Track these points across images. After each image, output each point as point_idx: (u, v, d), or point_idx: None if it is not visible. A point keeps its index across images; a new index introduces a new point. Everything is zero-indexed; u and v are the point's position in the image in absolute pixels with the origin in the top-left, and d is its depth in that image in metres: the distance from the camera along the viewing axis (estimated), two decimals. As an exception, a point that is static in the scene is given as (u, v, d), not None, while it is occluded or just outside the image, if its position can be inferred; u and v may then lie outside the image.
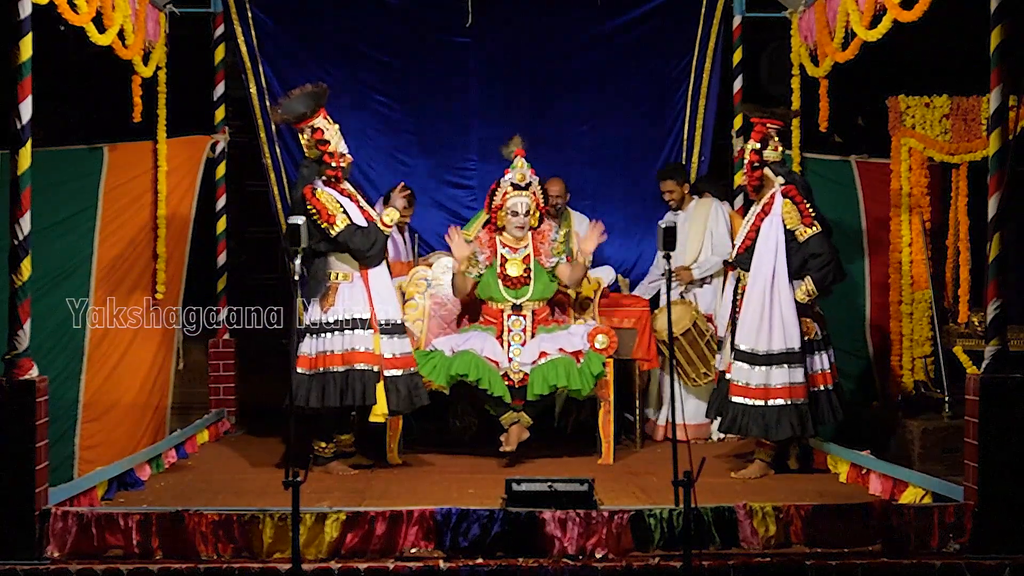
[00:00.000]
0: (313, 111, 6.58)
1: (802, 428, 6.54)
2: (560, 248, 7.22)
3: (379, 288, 6.65)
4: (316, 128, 6.59)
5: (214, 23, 8.46)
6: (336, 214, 6.51)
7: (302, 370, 6.51)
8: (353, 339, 6.51)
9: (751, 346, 6.56)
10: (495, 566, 5.13)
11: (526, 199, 7.14)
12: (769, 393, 6.51)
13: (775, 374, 6.51)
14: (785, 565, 5.15)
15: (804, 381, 6.54)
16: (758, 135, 6.69)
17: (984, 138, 6.62)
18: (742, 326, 6.61)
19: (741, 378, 6.57)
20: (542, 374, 6.85)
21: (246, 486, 6.34)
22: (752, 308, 6.57)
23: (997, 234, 5.38)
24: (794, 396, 6.51)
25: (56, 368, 6.31)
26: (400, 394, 6.59)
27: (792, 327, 6.55)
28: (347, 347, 6.51)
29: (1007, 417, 5.28)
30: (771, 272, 6.56)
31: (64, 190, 6.84)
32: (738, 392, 6.57)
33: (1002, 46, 5.33)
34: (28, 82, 5.26)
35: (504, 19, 8.62)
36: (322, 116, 6.62)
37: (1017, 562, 5.18)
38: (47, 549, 5.20)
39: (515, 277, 7.13)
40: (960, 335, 7.50)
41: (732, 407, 6.59)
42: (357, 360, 6.49)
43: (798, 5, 8.02)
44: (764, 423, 6.51)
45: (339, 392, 6.47)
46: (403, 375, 6.62)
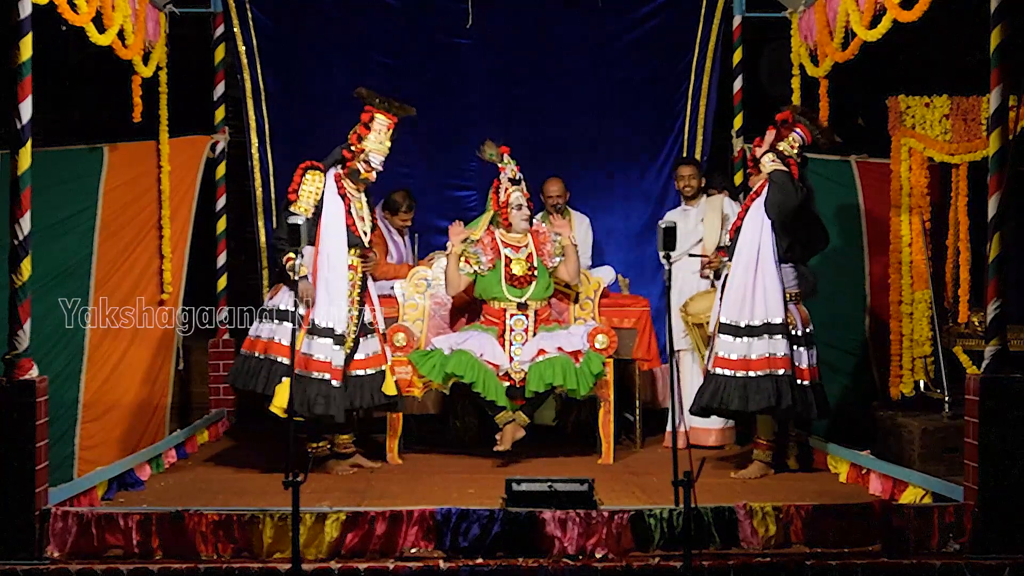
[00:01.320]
0: (387, 110, 6.68)
1: (778, 399, 6.47)
2: (559, 248, 7.24)
3: (322, 290, 6.58)
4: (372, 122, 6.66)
5: (214, 23, 8.46)
6: (301, 199, 6.54)
7: (244, 351, 6.75)
8: (277, 330, 6.59)
9: (734, 319, 6.56)
10: (495, 566, 5.13)
11: (518, 193, 7.20)
12: (749, 364, 6.49)
13: (756, 345, 6.51)
14: (785, 565, 5.15)
15: (787, 353, 6.51)
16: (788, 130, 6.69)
17: (984, 138, 6.61)
18: (726, 300, 6.62)
19: (723, 350, 6.57)
20: (539, 372, 6.86)
21: (246, 486, 6.34)
22: (736, 282, 6.59)
23: (997, 234, 5.38)
24: (773, 367, 6.49)
25: (56, 368, 6.31)
26: (363, 395, 6.65)
27: (775, 303, 6.54)
28: (270, 336, 6.62)
29: (1007, 417, 5.28)
30: (756, 248, 6.57)
31: (64, 190, 6.84)
32: (720, 364, 6.56)
33: (1002, 46, 5.33)
34: (28, 82, 5.26)
35: (504, 20, 8.61)
36: (388, 123, 6.70)
37: (1017, 562, 5.19)
38: (47, 549, 5.20)
39: (520, 276, 7.14)
40: (960, 335, 7.49)
41: (715, 379, 6.57)
42: (273, 351, 6.57)
43: (798, 5, 8.01)
44: (744, 395, 6.47)
45: (251, 376, 6.59)
46: (315, 379, 6.53)
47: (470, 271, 7.18)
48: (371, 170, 6.69)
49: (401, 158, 8.48)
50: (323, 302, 6.57)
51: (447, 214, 8.60)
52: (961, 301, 7.51)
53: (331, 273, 6.59)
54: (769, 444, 6.73)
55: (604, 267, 8.09)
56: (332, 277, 6.60)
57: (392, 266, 7.74)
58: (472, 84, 8.68)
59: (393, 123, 6.73)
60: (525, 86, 8.70)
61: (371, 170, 6.69)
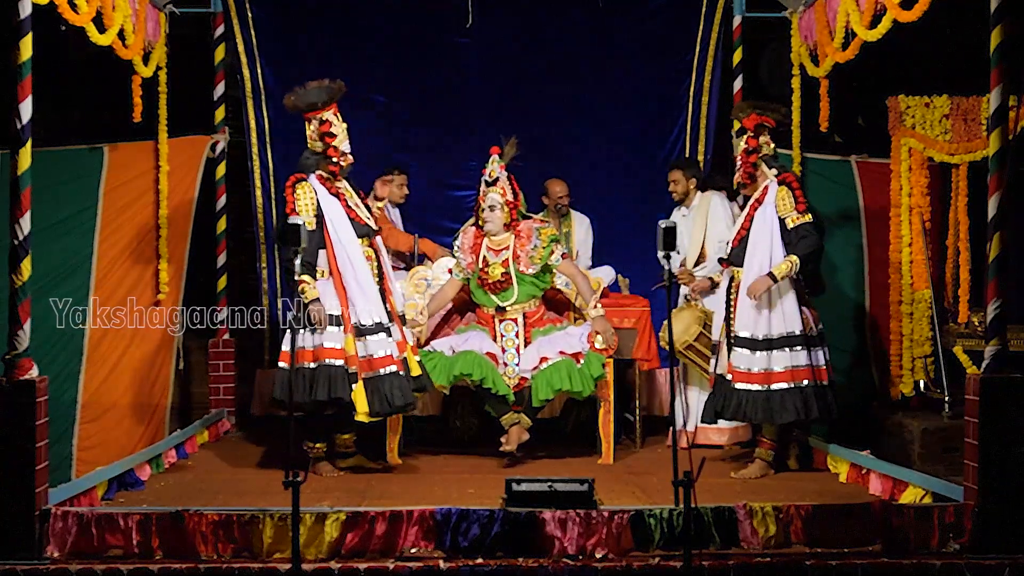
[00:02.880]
0: (325, 103, 6.62)
1: (806, 411, 6.45)
2: (542, 254, 7.08)
3: (355, 290, 6.55)
4: (325, 120, 6.61)
5: (214, 23, 8.46)
6: (302, 213, 6.47)
7: (283, 365, 6.56)
8: (322, 336, 6.50)
9: (750, 332, 6.51)
10: (495, 566, 5.13)
11: (493, 194, 7.10)
12: (771, 377, 6.46)
13: (777, 358, 6.47)
14: (785, 565, 5.15)
15: (808, 363, 6.49)
16: (752, 123, 6.68)
17: (984, 138, 6.62)
18: (740, 314, 6.56)
19: (743, 364, 6.51)
20: (545, 379, 6.84)
21: (246, 486, 6.34)
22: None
23: (997, 234, 5.38)
24: (796, 379, 6.46)
25: (55, 368, 6.31)
26: (379, 398, 6.51)
27: (792, 312, 6.51)
28: (317, 343, 6.50)
29: (1007, 417, 5.28)
30: (767, 259, 6.52)
31: (64, 190, 6.85)
32: (740, 378, 6.51)
33: (1002, 46, 5.33)
34: (28, 82, 5.26)
35: (504, 19, 8.61)
36: (333, 111, 6.65)
37: (1017, 562, 5.18)
38: (47, 549, 5.20)
39: (493, 282, 7.09)
40: (960, 335, 7.50)
41: (736, 394, 6.51)
42: (325, 356, 6.47)
43: (798, 5, 8.01)
44: (768, 407, 6.44)
45: (308, 387, 6.45)
46: (383, 376, 6.52)
47: (461, 276, 7.20)
48: (345, 155, 6.67)
49: (401, 157, 8.52)
50: (360, 300, 6.53)
51: (447, 214, 8.64)
52: (961, 301, 7.52)
53: (357, 272, 6.55)
54: (772, 444, 6.73)
55: (604, 267, 8.09)
56: (359, 275, 6.56)
57: (401, 233, 7.93)
58: (472, 84, 8.68)
59: (336, 109, 6.69)
60: (525, 86, 8.70)
61: (345, 155, 6.67)
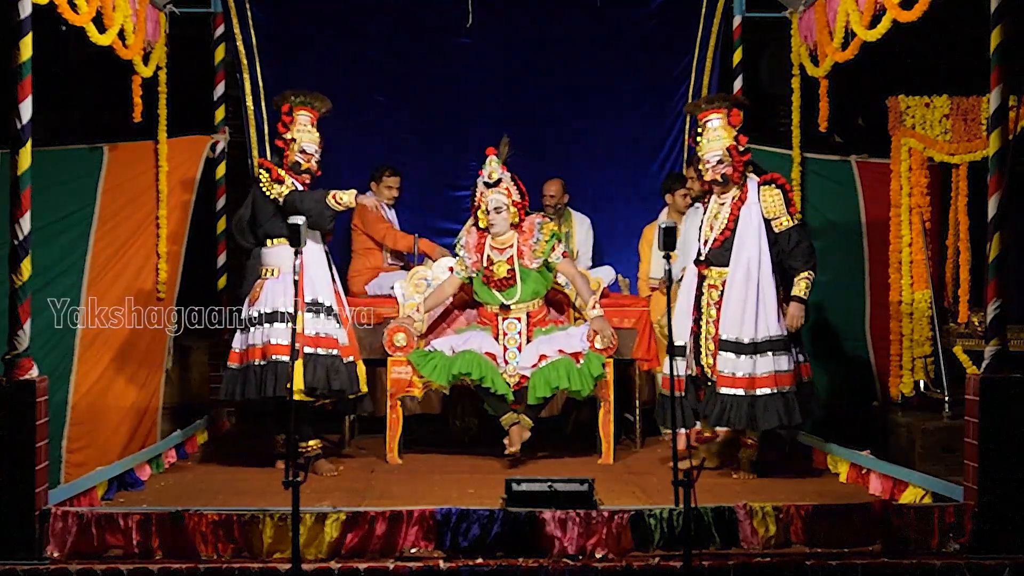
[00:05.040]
0: (300, 104, 6.75)
1: (788, 416, 6.42)
2: (544, 248, 7.11)
3: (312, 271, 6.63)
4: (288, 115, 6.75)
5: (214, 23, 8.45)
6: (284, 179, 6.66)
7: (232, 365, 6.71)
8: (272, 332, 6.58)
9: (736, 335, 6.46)
10: (495, 566, 5.13)
11: (497, 195, 7.10)
12: (755, 382, 6.41)
13: (760, 363, 6.42)
14: (785, 565, 5.15)
15: (790, 368, 6.45)
16: (737, 118, 6.64)
17: (984, 138, 6.61)
18: (725, 316, 6.50)
19: (727, 368, 6.46)
20: (543, 376, 6.84)
21: (246, 486, 6.34)
22: (735, 296, 6.47)
23: (997, 234, 5.37)
24: (780, 384, 6.42)
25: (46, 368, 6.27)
26: (317, 373, 6.55)
27: (773, 314, 6.46)
28: (266, 339, 6.59)
29: (1007, 417, 5.28)
30: (754, 259, 6.48)
31: (64, 190, 6.84)
32: (725, 383, 6.46)
33: (1002, 46, 5.33)
34: (28, 82, 5.26)
35: (504, 19, 8.62)
36: (308, 117, 6.76)
37: (1017, 562, 5.18)
38: (47, 549, 5.20)
39: (499, 279, 7.10)
40: (960, 335, 7.50)
41: (720, 399, 6.46)
42: (273, 352, 6.55)
43: (798, 5, 8.01)
44: (752, 413, 6.40)
45: (259, 384, 6.54)
46: (324, 355, 6.59)
47: (464, 275, 7.19)
48: (309, 158, 6.76)
49: (401, 157, 8.52)
50: (309, 282, 6.59)
51: (447, 214, 8.64)
52: (961, 301, 7.53)
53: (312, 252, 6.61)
54: (754, 444, 6.70)
55: (604, 267, 8.09)
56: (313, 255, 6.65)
57: (401, 233, 7.99)
58: (472, 84, 8.68)
59: (315, 116, 6.83)
60: (525, 86, 8.70)
61: (309, 158, 6.76)
